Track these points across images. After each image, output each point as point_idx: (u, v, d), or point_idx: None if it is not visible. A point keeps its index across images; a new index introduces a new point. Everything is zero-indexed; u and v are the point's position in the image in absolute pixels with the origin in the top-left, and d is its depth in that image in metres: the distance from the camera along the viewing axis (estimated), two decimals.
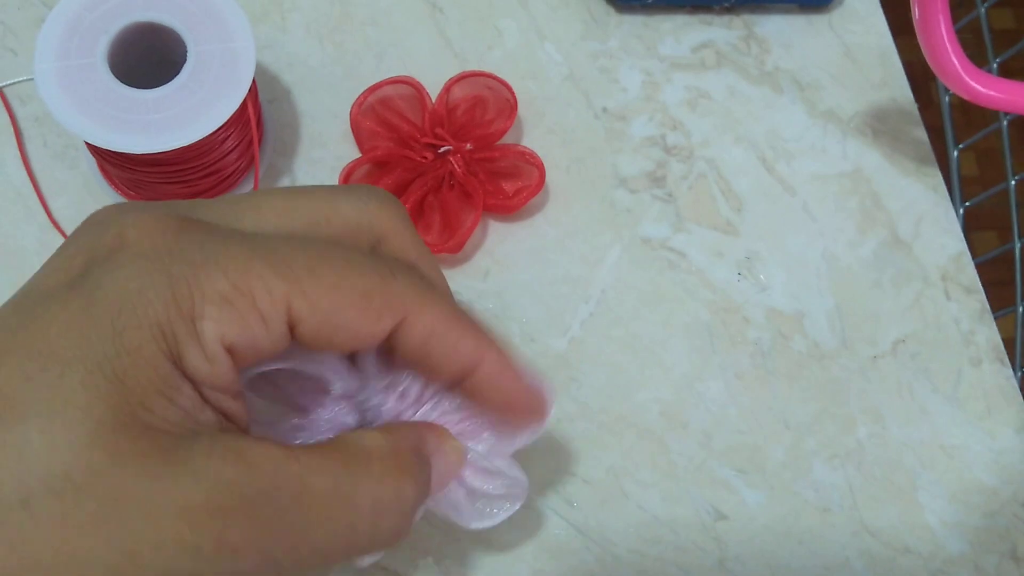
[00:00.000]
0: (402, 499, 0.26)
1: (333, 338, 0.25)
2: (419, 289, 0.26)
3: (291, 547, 0.23)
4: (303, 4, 0.50)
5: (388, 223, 0.28)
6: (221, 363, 0.23)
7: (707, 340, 0.45)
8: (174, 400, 0.22)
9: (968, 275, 0.47)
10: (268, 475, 0.23)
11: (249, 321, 0.23)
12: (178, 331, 0.22)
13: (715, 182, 0.48)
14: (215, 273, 0.23)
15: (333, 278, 0.24)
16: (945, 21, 0.42)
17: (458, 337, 0.27)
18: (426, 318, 0.26)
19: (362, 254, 0.26)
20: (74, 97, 0.39)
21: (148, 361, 0.22)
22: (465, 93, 0.46)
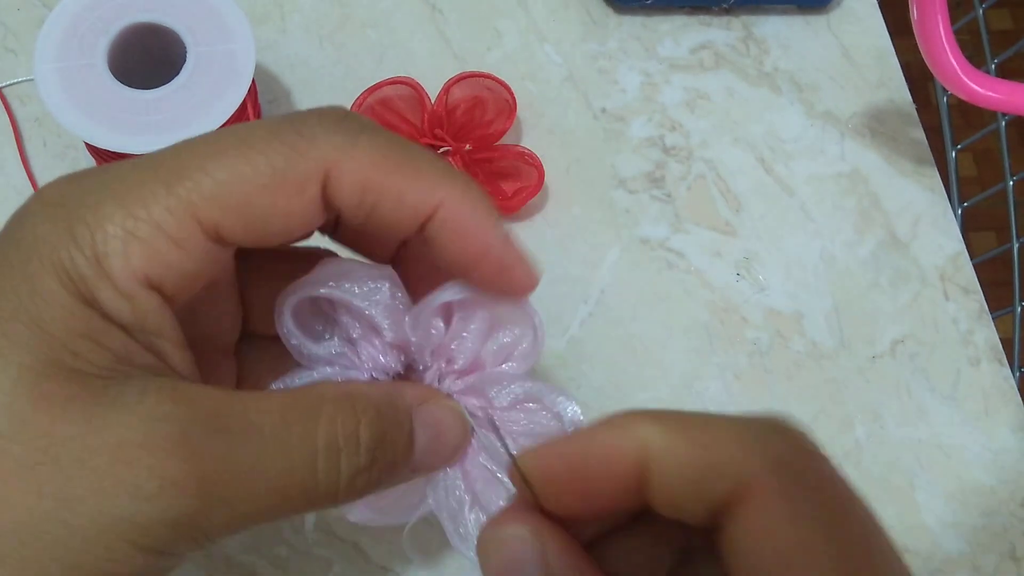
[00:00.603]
0: (357, 441, 0.24)
1: (265, 229, 0.23)
2: (340, 140, 0.23)
3: (240, 484, 0.21)
4: (303, 5, 0.50)
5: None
6: (143, 300, 0.22)
7: (706, 340, 0.45)
8: (102, 343, 0.21)
9: (966, 275, 0.47)
10: (208, 412, 0.22)
11: (158, 247, 0.22)
12: (85, 273, 0.21)
13: (714, 183, 0.48)
14: (112, 208, 0.22)
15: (233, 170, 0.22)
16: (943, 22, 0.42)
17: (401, 180, 0.24)
18: (352, 168, 0.23)
19: (262, 127, 0.23)
20: (74, 98, 0.39)
21: (63, 305, 0.21)
22: (464, 94, 0.46)
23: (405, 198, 0.24)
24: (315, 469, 0.23)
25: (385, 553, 0.39)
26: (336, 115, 0.24)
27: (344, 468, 0.23)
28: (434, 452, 0.26)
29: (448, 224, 0.24)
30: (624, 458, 0.22)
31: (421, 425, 0.26)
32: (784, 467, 0.20)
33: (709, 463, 0.21)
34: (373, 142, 0.24)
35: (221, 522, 0.21)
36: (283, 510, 0.23)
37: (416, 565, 0.39)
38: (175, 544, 0.21)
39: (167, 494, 0.20)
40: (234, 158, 0.22)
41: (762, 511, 0.20)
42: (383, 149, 0.24)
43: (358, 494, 0.24)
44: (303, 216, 0.23)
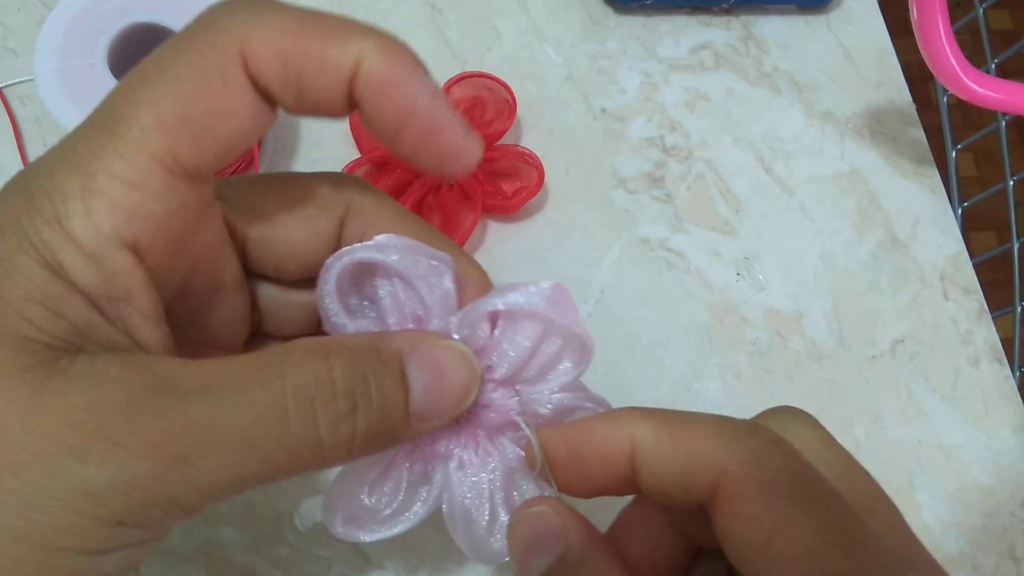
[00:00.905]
0: (332, 384, 0.22)
1: (214, 138, 0.22)
2: (246, 18, 0.22)
3: (198, 441, 0.20)
4: (303, 5, 0.50)
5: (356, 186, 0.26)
6: (110, 261, 0.21)
7: (705, 340, 0.45)
8: (59, 312, 0.21)
9: (966, 275, 0.47)
10: (161, 375, 0.21)
11: (118, 196, 0.21)
12: (49, 239, 0.21)
13: (713, 183, 0.48)
14: (64, 170, 0.21)
15: (161, 89, 0.22)
16: (943, 22, 0.42)
17: (317, 41, 0.22)
18: (264, 39, 0.22)
19: (175, 38, 0.23)
20: (74, 98, 0.39)
21: (25, 274, 0.20)
22: (464, 94, 0.46)
23: (325, 60, 0.22)
24: (286, 418, 0.21)
25: (385, 553, 0.39)
26: (241, 0, 0.23)
27: (321, 414, 0.22)
28: (437, 394, 0.24)
29: (369, 80, 0.22)
30: (615, 448, 0.24)
31: (417, 367, 0.24)
32: (758, 459, 0.22)
33: (690, 457, 0.23)
34: (281, 14, 0.23)
35: (187, 484, 0.20)
36: (263, 467, 0.21)
37: (414, 568, 0.39)
38: (134, 512, 0.20)
39: (115, 456, 0.19)
40: (158, 78, 0.22)
41: (740, 499, 0.21)
42: (293, 18, 0.23)
43: (348, 447, 0.22)
44: (243, 110, 0.22)
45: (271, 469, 0.21)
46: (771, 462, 0.22)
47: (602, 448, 0.24)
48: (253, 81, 0.22)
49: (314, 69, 0.22)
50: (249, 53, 0.22)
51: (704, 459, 0.23)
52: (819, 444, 0.25)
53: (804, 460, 0.23)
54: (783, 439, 0.23)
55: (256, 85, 0.22)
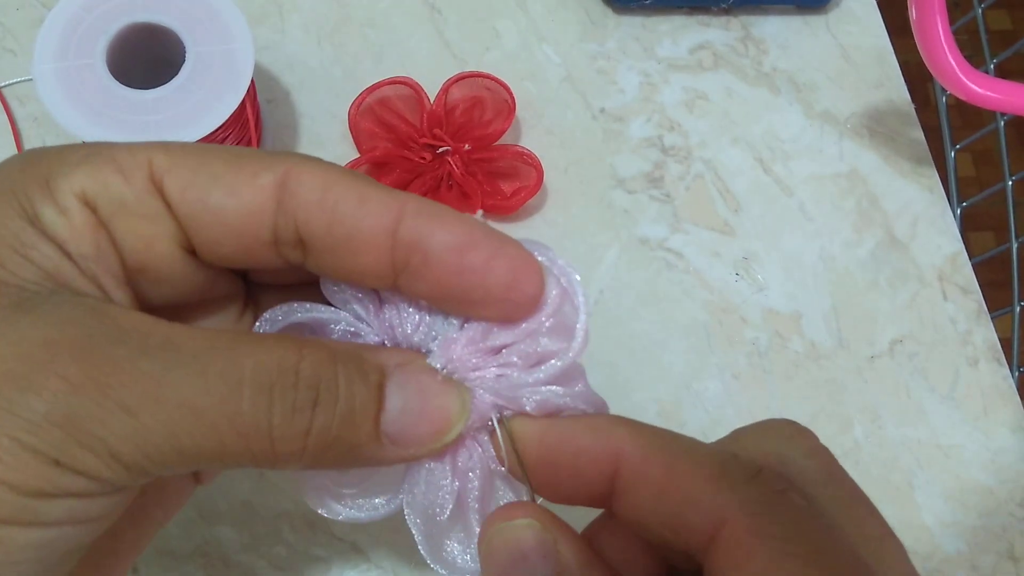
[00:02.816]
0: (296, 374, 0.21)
1: (208, 199, 0.22)
2: (304, 155, 0.23)
3: (145, 395, 0.20)
4: (302, 5, 0.50)
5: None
6: (77, 216, 0.22)
7: (704, 340, 0.45)
8: (30, 258, 0.21)
9: (965, 275, 0.47)
10: (124, 325, 0.20)
11: (103, 171, 0.22)
12: (32, 193, 0.22)
13: (712, 183, 0.48)
14: (79, 147, 0.23)
15: (199, 146, 0.23)
16: (942, 22, 0.42)
17: (362, 190, 0.22)
18: (314, 170, 0.22)
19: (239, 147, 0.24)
20: (73, 98, 0.39)
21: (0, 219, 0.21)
22: (463, 94, 0.46)
23: (368, 210, 0.22)
24: (239, 396, 0.20)
25: (384, 553, 0.39)
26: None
27: (277, 400, 0.21)
28: (415, 417, 0.22)
29: (412, 238, 0.22)
30: (594, 462, 0.22)
31: (399, 385, 0.22)
32: (765, 511, 0.20)
33: (687, 497, 0.21)
34: (331, 163, 0.23)
35: (126, 437, 0.20)
36: (208, 440, 0.20)
37: (411, 562, 0.39)
38: (71, 452, 0.19)
39: (57, 388, 0.19)
40: (213, 147, 0.23)
41: (744, 555, 0.20)
42: (343, 170, 0.23)
43: (301, 442, 0.21)
44: (250, 199, 0.22)
45: (217, 447, 0.20)
46: (780, 515, 0.20)
47: (580, 459, 0.22)
48: (283, 201, 0.22)
49: (220, 198, 0.22)
50: (293, 175, 0.22)
51: (704, 503, 0.20)
52: (823, 479, 0.22)
53: (813, 510, 0.21)
54: (791, 486, 0.21)
55: (283, 206, 0.22)
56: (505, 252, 0.22)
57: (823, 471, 0.22)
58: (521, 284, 0.22)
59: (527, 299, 0.23)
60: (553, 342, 0.24)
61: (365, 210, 0.22)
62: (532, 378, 0.23)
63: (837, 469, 0.23)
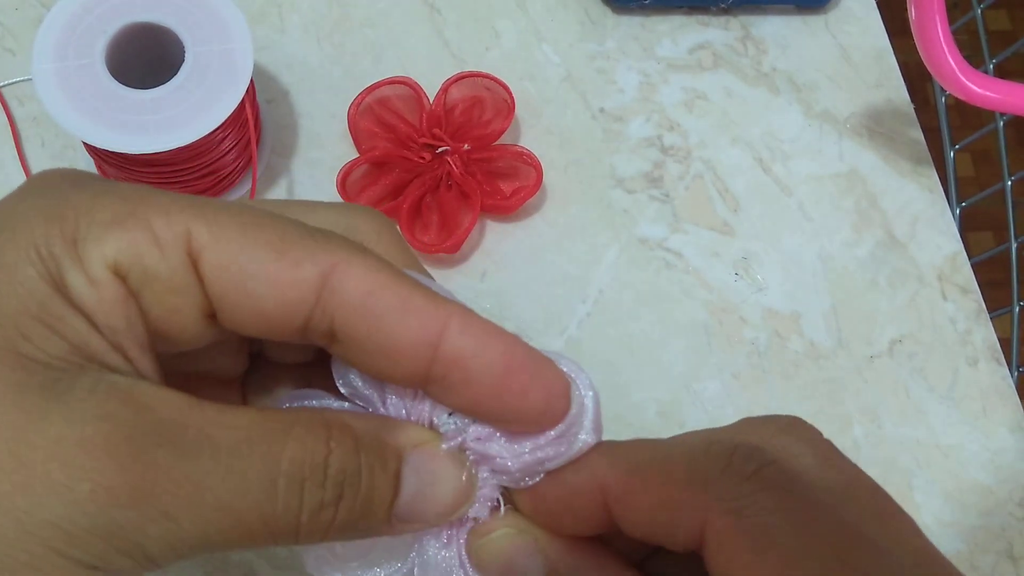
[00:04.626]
0: (325, 470, 0.21)
1: (245, 283, 0.21)
2: (351, 245, 0.22)
3: (185, 499, 0.20)
4: (301, 5, 0.50)
5: (370, 225, 0.24)
6: (108, 288, 0.20)
7: (704, 340, 0.45)
8: (58, 331, 0.20)
9: (964, 275, 0.47)
10: (161, 418, 0.20)
11: (138, 240, 0.20)
12: (58, 253, 0.20)
13: (712, 182, 0.48)
14: (111, 200, 0.21)
15: (248, 218, 0.21)
16: (941, 22, 0.42)
17: (412, 293, 0.22)
18: (359, 271, 0.21)
19: (288, 217, 0.22)
20: (72, 97, 0.39)
21: (23, 283, 0.20)
22: (463, 94, 0.46)
23: (410, 318, 0.22)
24: (275, 496, 0.21)
25: None
26: (353, 241, 0.23)
27: (307, 498, 0.21)
28: (423, 504, 0.23)
29: (456, 356, 0.22)
30: (586, 500, 0.23)
31: (413, 470, 0.23)
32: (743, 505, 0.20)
33: (668, 507, 0.21)
34: (385, 261, 0.22)
35: (163, 540, 0.20)
36: (237, 536, 0.21)
37: None
38: (109, 559, 0.19)
39: (98, 500, 0.19)
40: (254, 214, 0.22)
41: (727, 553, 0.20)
42: (396, 269, 0.22)
43: (322, 533, 0.22)
44: (288, 291, 0.21)
45: (244, 538, 0.21)
46: (759, 504, 0.20)
47: (572, 500, 0.22)
48: (320, 289, 0.22)
49: (260, 286, 0.22)
50: (341, 268, 0.22)
51: (685, 509, 0.21)
52: (817, 463, 0.22)
53: (798, 493, 0.21)
54: (767, 461, 0.21)
55: (323, 296, 0.22)
56: (543, 377, 0.23)
57: (821, 457, 0.22)
58: (554, 411, 0.23)
59: (554, 423, 0.23)
60: (552, 445, 0.24)
61: (408, 323, 0.22)
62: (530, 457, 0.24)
63: (836, 456, 0.23)
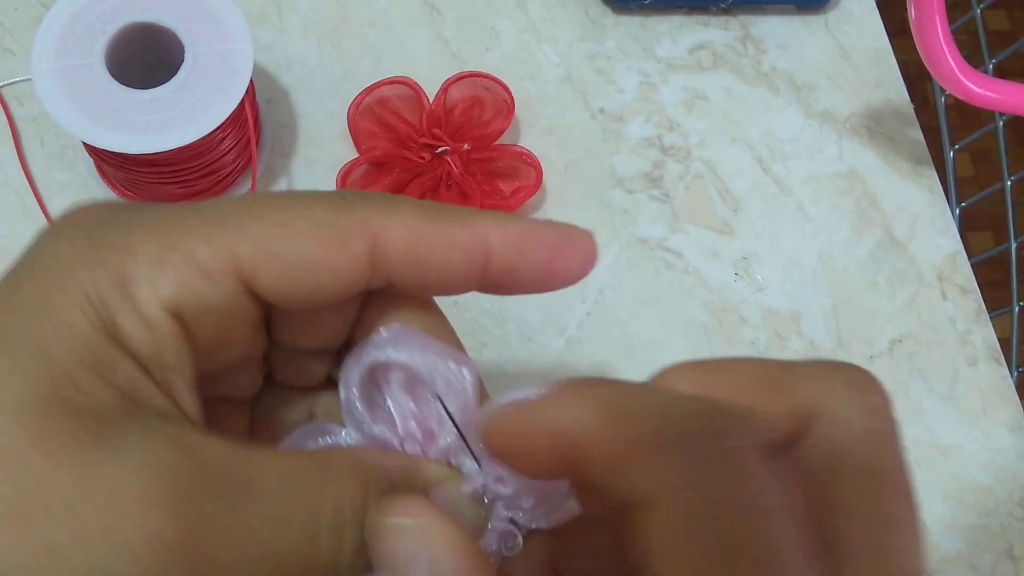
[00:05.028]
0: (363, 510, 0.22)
1: (302, 283, 0.22)
2: (381, 203, 0.23)
3: (234, 549, 0.20)
4: (301, 5, 0.50)
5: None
6: (163, 328, 0.21)
7: (704, 340, 0.45)
8: (108, 379, 0.20)
9: (964, 275, 0.47)
10: (210, 466, 0.20)
11: (187, 275, 0.21)
12: (108, 297, 0.20)
13: (711, 182, 0.48)
14: (144, 235, 0.21)
15: (278, 215, 0.22)
16: (941, 22, 0.42)
17: (449, 230, 0.23)
18: (399, 226, 0.23)
19: (306, 193, 0.23)
20: (72, 97, 0.39)
21: (75, 333, 0.20)
22: (463, 94, 0.46)
23: (457, 244, 0.23)
24: (317, 541, 0.21)
25: None
26: (371, 192, 0.24)
27: (348, 541, 0.22)
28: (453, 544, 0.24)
29: (507, 250, 0.24)
30: (548, 440, 0.22)
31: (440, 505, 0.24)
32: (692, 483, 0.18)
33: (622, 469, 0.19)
34: (413, 204, 0.23)
35: None
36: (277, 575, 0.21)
37: None
38: None
39: (155, 554, 0.19)
40: (282, 207, 0.22)
41: (658, 530, 0.18)
42: (424, 207, 0.23)
43: (361, 571, 0.23)
44: (345, 273, 0.23)
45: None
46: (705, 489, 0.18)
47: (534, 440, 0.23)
48: (375, 260, 0.23)
49: (317, 280, 0.23)
50: (383, 236, 0.23)
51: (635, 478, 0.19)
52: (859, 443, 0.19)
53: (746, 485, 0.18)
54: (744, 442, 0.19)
55: (376, 264, 0.23)
56: (576, 247, 0.25)
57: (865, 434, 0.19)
58: (588, 266, 0.25)
59: (586, 272, 0.25)
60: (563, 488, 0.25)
61: (455, 259, 0.23)
62: None
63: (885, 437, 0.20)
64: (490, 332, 0.44)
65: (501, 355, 0.44)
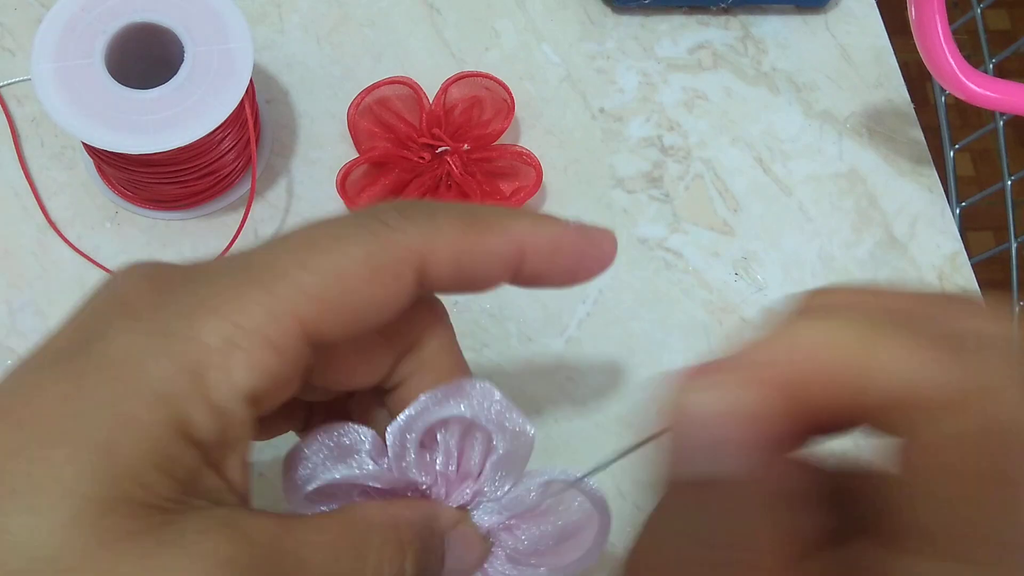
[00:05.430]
0: (402, 573, 0.24)
1: (362, 320, 0.23)
2: (421, 220, 0.24)
3: None
4: (301, 5, 0.50)
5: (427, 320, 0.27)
6: (234, 415, 0.21)
7: (704, 340, 0.45)
8: (170, 473, 0.20)
9: (964, 275, 0.47)
10: (264, 551, 0.21)
11: (259, 357, 0.21)
12: (179, 391, 0.20)
13: (712, 182, 0.48)
14: (207, 317, 0.21)
15: (327, 261, 0.22)
16: (941, 22, 0.42)
17: (489, 241, 0.24)
18: (443, 245, 0.24)
19: (346, 220, 0.23)
20: (71, 97, 0.39)
21: (143, 432, 0.20)
22: (462, 94, 0.46)
23: (494, 254, 0.24)
24: None
25: None
26: (404, 203, 0.25)
27: None
28: (456, 573, 0.27)
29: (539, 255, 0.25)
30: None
31: (451, 550, 0.26)
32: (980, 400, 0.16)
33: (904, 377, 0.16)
34: (450, 214, 0.24)
35: None
36: None
37: None
38: None
39: None
40: (331, 250, 0.22)
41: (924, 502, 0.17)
42: (461, 217, 0.24)
43: None
44: (398, 303, 0.23)
45: None
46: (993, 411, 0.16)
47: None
48: (423, 281, 0.24)
49: (375, 313, 0.23)
50: (431, 260, 0.23)
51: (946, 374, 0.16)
52: None
53: None
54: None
55: (424, 283, 0.24)
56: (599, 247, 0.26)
57: None
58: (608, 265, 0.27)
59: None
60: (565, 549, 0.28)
61: (494, 269, 0.25)
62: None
63: None
64: (490, 332, 0.44)
65: (501, 355, 0.44)
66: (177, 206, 0.44)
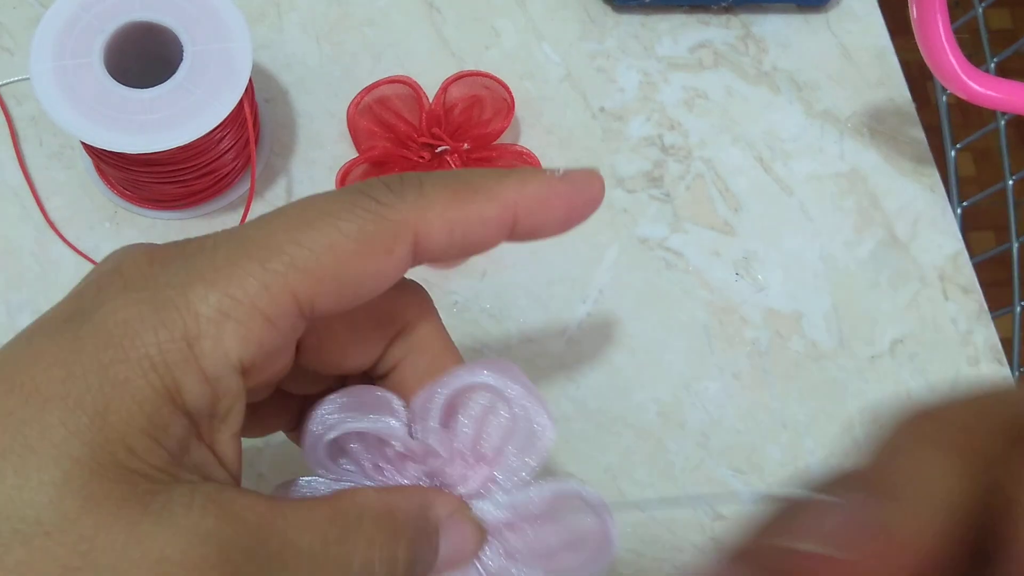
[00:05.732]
0: (395, 563, 0.24)
1: (355, 293, 0.23)
2: (413, 195, 0.24)
3: None
4: (300, 4, 0.50)
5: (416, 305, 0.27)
6: (224, 384, 0.21)
7: (704, 340, 0.45)
8: (160, 441, 0.21)
9: (966, 275, 0.47)
10: (250, 529, 0.21)
11: (252, 328, 0.21)
12: (172, 359, 0.21)
13: (712, 182, 0.48)
14: (203, 288, 0.21)
15: (326, 237, 0.22)
16: (943, 21, 0.42)
17: (480, 208, 0.24)
18: (436, 217, 0.24)
19: (338, 197, 0.23)
20: (70, 97, 0.39)
21: (135, 397, 0.20)
22: (462, 93, 0.46)
23: (487, 220, 0.24)
24: None
25: None
26: (392, 178, 0.25)
27: None
28: (450, 562, 0.26)
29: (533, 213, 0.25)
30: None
31: (446, 537, 0.26)
32: None
33: None
34: (441, 185, 0.24)
35: None
36: None
37: None
38: None
39: None
40: (324, 226, 0.22)
41: None
42: (451, 187, 0.24)
43: None
44: (390, 276, 0.24)
45: None
46: None
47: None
48: (417, 254, 0.24)
49: (478, 232, 0.24)
50: (423, 233, 0.23)
51: None
52: None
53: None
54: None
55: (419, 256, 0.24)
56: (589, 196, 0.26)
57: None
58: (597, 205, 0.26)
59: None
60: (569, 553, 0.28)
61: (487, 233, 0.25)
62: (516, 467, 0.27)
63: None
64: (490, 332, 0.44)
65: (501, 355, 0.44)
66: (176, 206, 0.44)
